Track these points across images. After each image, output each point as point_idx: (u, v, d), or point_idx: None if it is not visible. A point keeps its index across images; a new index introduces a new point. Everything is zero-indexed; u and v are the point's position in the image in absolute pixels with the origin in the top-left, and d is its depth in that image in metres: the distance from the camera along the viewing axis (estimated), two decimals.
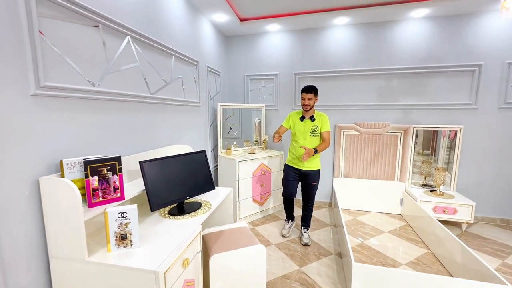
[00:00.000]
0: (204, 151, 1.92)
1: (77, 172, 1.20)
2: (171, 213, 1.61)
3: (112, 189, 1.27)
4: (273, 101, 3.60)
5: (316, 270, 2.13)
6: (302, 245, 2.52)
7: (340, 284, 1.95)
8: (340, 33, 3.25)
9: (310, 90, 2.39)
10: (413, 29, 3.00)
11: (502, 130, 2.87)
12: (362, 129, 3.26)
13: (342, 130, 3.35)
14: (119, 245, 1.18)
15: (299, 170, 2.52)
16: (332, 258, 2.30)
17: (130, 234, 1.19)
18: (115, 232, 1.16)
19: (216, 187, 1.98)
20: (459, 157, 2.99)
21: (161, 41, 2.01)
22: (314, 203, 2.64)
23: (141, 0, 1.82)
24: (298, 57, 3.43)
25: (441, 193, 2.93)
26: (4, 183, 1.01)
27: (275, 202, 3.32)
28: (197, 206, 1.71)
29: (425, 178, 3.23)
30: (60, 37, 1.22)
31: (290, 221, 2.76)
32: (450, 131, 3.01)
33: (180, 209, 1.65)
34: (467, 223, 2.76)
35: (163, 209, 1.69)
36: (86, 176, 1.18)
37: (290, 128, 2.59)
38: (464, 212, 2.72)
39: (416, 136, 3.14)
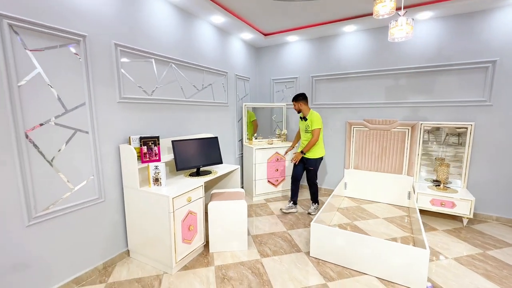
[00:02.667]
0: (216, 138, 2.78)
1: (137, 143, 2.21)
2: (191, 175, 2.53)
3: (154, 154, 2.24)
4: None
5: (299, 233, 2.74)
6: (307, 214, 3.20)
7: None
8: (351, 39, 3.61)
9: (294, 99, 3.15)
10: (421, 30, 3.14)
11: None
12: (371, 125, 3.55)
13: (353, 126, 3.70)
14: (154, 184, 2.14)
15: (303, 158, 3.14)
16: None
17: (160, 178, 2.13)
18: (152, 176, 2.12)
19: (229, 165, 2.82)
20: (470, 154, 3.00)
21: (194, 61, 2.96)
22: (315, 184, 3.24)
23: (182, 36, 2.79)
24: (314, 62, 3.93)
25: (445, 188, 3.02)
26: (105, 145, 2.07)
27: (289, 186, 3.94)
28: (208, 172, 2.58)
29: (437, 174, 3.30)
30: (130, 69, 2.25)
31: (292, 202, 3.35)
32: (457, 128, 3.04)
33: (198, 173, 2.56)
34: (467, 218, 2.81)
35: (186, 172, 2.63)
36: (140, 145, 2.17)
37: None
38: (463, 206, 2.79)
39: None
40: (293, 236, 2.68)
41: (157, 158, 2.26)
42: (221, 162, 2.75)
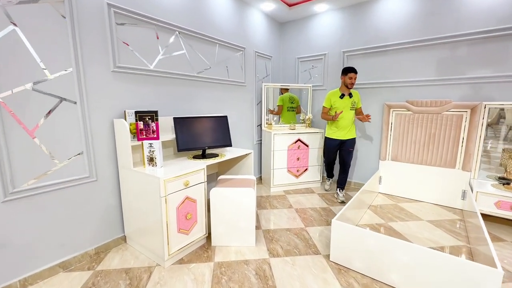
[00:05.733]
0: (225, 116, 2.45)
1: (133, 119, 1.97)
2: (195, 157, 2.24)
3: (151, 131, 1.99)
4: (321, 81, 3.69)
5: (319, 231, 2.31)
6: (339, 202, 3.01)
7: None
8: (393, 2, 2.97)
9: (356, 71, 2.81)
10: None
11: None
12: (415, 108, 2.91)
13: (391, 109, 3.09)
14: (149, 164, 1.88)
15: (340, 140, 2.96)
16: None
17: (155, 158, 1.87)
18: (147, 155, 1.87)
19: (241, 149, 2.49)
20: None
21: (205, 32, 2.64)
22: (349, 168, 3.10)
23: (190, 2, 2.48)
24: (347, 34, 3.36)
25: None
26: (97, 118, 1.86)
27: (313, 177, 3.49)
28: (214, 155, 2.27)
29: (506, 169, 2.59)
30: (128, 35, 2.00)
31: (330, 178, 3.45)
32: None
33: (203, 155, 2.26)
34: None
35: (190, 154, 2.35)
36: (136, 120, 1.93)
37: (329, 107, 2.96)
38: None
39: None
40: (311, 234, 2.26)
41: (155, 135, 2.00)
42: (230, 145, 2.41)
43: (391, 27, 3.01)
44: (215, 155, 2.28)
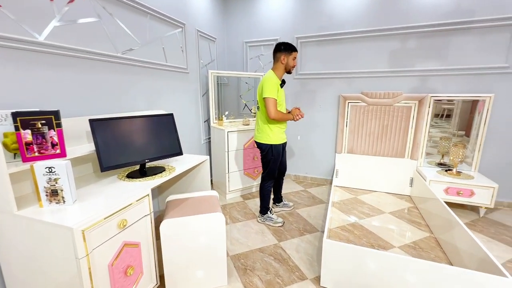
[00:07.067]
0: (171, 114, 1.80)
1: (10, 125, 1.15)
2: (130, 176, 1.55)
3: (49, 144, 1.21)
4: None
5: (295, 246, 1.99)
6: (291, 210, 2.55)
7: (316, 262, 1.79)
8: None
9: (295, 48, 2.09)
10: None
11: None
12: (370, 100, 2.89)
13: (347, 101, 3.01)
14: (51, 201, 1.13)
15: (284, 143, 2.25)
16: (317, 235, 2.14)
17: (62, 190, 1.13)
18: (44, 187, 1.11)
19: (192, 155, 1.90)
20: (486, 133, 2.53)
21: None
22: None
23: None
24: (300, 19, 3.07)
25: (458, 173, 2.55)
26: None
27: None
28: (159, 170, 1.63)
29: (442, 156, 2.82)
30: None
31: (278, 204, 2.61)
32: (477, 102, 2.53)
33: (142, 173, 1.59)
34: (486, 207, 2.38)
35: (121, 171, 1.64)
36: (17, 129, 1.12)
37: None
38: (483, 195, 2.34)
39: (449, 116, 2.69)
40: (288, 251, 1.92)
41: (59, 152, 1.24)
42: (179, 153, 1.79)
43: (346, 14, 2.85)
44: (161, 170, 1.64)
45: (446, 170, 2.65)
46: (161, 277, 1.49)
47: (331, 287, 1.55)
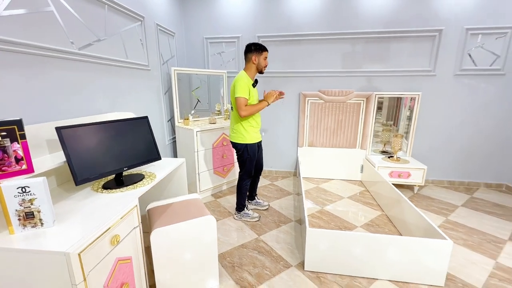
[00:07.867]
0: (146, 117, 1.69)
1: None
2: (106, 186, 1.42)
3: (13, 160, 1.03)
4: (236, 67, 3.35)
5: (275, 237, 2.12)
6: (265, 210, 2.58)
7: (297, 250, 1.95)
8: None
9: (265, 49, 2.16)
10: None
11: (456, 97, 2.97)
12: (327, 97, 3.19)
13: (307, 98, 3.25)
14: (25, 226, 0.98)
15: (259, 141, 2.33)
16: (292, 225, 2.31)
17: (39, 212, 0.99)
18: (16, 210, 0.95)
19: (167, 158, 1.81)
20: (416, 124, 3.08)
21: None
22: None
23: None
24: (261, 18, 3.15)
25: (398, 159, 3.04)
26: None
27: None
28: (138, 178, 1.52)
29: (384, 145, 3.32)
30: None
31: (251, 201, 2.63)
32: (411, 99, 3.05)
33: (119, 182, 1.46)
34: (418, 185, 2.92)
35: (96, 183, 1.49)
36: None
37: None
38: (417, 175, 2.86)
39: (380, 108, 3.16)
40: (269, 243, 2.04)
41: (25, 167, 1.06)
42: (158, 158, 1.70)
43: (304, 16, 3.05)
44: (140, 177, 1.54)
45: (389, 157, 3.14)
46: (151, 287, 1.43)
47: (315, 270, 1.72)
